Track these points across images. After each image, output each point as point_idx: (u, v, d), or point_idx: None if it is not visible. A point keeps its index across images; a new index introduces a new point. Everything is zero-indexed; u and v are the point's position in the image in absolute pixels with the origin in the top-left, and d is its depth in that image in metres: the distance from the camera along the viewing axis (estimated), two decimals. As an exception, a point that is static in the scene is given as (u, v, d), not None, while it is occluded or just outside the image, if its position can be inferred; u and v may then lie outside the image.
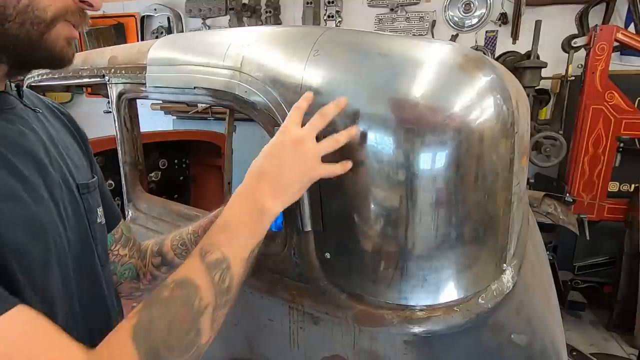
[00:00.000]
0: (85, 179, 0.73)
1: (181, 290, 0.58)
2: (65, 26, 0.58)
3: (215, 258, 0.62)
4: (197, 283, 0.59)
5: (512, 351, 0.92)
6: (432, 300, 0.88)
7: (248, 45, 0.98)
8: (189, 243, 0.94)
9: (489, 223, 0.88)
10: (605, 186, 3.03)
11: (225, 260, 0.63)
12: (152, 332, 0.55)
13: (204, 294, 0.59)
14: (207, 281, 0.60)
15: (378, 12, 3.99)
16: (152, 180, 2.79)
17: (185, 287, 0.59)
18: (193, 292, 0.59)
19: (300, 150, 0.71)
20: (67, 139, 0.77)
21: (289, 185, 0.70)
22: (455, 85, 0.79)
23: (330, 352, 0.99)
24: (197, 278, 0.60)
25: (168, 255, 0.95)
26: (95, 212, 0.74)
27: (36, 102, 0.73)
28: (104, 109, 5.09)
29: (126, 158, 1.46)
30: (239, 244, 0.66)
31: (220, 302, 0.62)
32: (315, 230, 0.91)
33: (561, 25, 3.39)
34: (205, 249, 0.63)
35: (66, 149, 0.73)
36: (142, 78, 1.21)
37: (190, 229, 0.95)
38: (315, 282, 0.95)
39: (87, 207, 0.71)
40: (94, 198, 0.75)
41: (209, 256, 0.62)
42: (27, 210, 0.55)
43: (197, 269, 0.61)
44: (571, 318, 3.17)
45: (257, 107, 0.93)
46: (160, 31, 4.69)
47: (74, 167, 0.72)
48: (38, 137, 0.64)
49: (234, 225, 0.67)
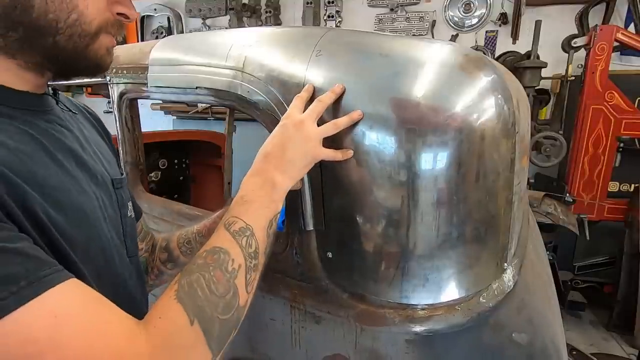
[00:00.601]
0: (117, 175, 0.77)
1: (213, 256, 0.63)
2: (106, 37, 0.62)
3: (239, 227, 0.68)
4: (227, 249, 0.64)
5: (513, 350, 0.93)
6: (434, 300, 0.88)
7: (250, 46, 0.98)
8: (194, 242, 0.96)
9: (490, 222, 0.88)
10: (605, 186, 3.03)
11: (249, 227, 0.68)
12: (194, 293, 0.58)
13: (235, 257, 0.64)
14: (236, 246, 0.65)
15: (378, 12, 3.99)
16: (152, 180, 2.79)
17: (216, 253, 0.63)
18: (225, 256, 0.63)
19: (302, 131, 0.77)
20: (97, 138, 0.82)
21: (294, 162, 0.76)
22: (456, 86, 0.79)
23: (332, 351, 1.00)
24: (226, 245, 0.65)
25: (174, 252, 0.98)
26: (126, 206, 0.78)
27: (68, 104, 0.77)
28: (104, 108, 5.08)
29: (127, 158, 1.46)
30: (258, 214, 0.71)
31: (250, 264, 0.66)
32: (317, 229, 0.92)
33: (561, 25, 3.40)
34: (228, 221, 0.68)
35: (98, 147, 0.77)
36: (144, 78, 1.21)
37: (195, 228, 0.98)
38: (317, 281, 0.96)
39: (119, 201, 0.75)
40: (126, 193, 0.79)
41: (234, 226, 0.67)
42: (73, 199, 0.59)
43: (224, 238, 0.66)
44: (571, 318, 3.17)
45: (260, 107, 0.93)
46: (160, 31, 4.69)
47: (107, 163, 0.76)
48: (75, 136, 0.69)
49: (250, 198, 0.72)
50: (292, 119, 0.78)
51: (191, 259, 0.64)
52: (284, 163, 0.75)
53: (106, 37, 0.62)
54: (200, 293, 0.59)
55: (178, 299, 0.57)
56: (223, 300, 0.61)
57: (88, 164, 0.67)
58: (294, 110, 0.81)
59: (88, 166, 0.67)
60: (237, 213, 0.70)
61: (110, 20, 0.62)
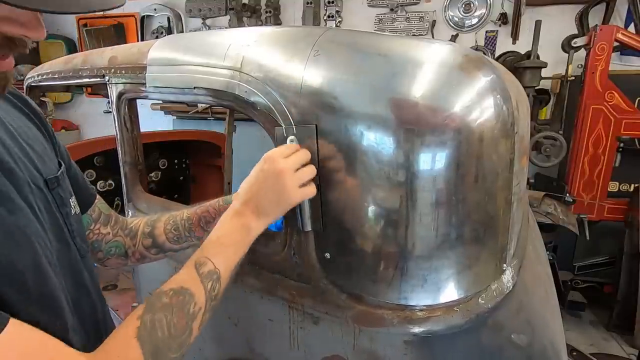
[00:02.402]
0: (53, 171, 0.72)
1: (178, 297, 0.66)
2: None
3: (208, 270, 0.71)
4: (192, 292, 0.67)
5: (512, 351, 0.92)
6: (432, 300, 0.88)
7: (248, 46, 0.98)
8: (182, 229, 0.95)
9: (489, 223, 0.88)
10: (605, 186, 3.03)
11: (217, 271, 0.72)
12: (154, 333, 0.61)
13: (197, 300, 0.67)
14: (201, 289, 0.69)
15: (378, 12, 3.99)
16: (152, 180, 2.79)
17: (182, 294, 0.66)
18: (189, 298, 0.67)
19: (280, 181, 0.79)
20: (28, 128, 0.74)
21: (270, 209, 0.80)
22: (455, 86, 0.79)
23: (330, 352, 0.99)
24: (193, 287, 0.68)
25: (159, 238, 0.96)
26: (68, 204, 0.74)
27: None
28: (104, 109, 5.09)
29: (126, 158, 1.46)
30: (229, 259, 0.75)
31: (209, 307, 0.70)
32: (315, 230, 0.91)
33: (561, 25, 3.39)
34: (199, 261, 0.72)
35: (28, 141, 0.70)
36: (142, 78, 1.21)
37: (185, 214, 0.96)
38: (315, 282, 0.95)
39: (58, 201, 0.71)
40: (65, 189, 0.74)
41: (203, 268, 0.71)
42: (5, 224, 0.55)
43: (193, 279, 0.69)
44: (571, 318, 3.17)
45: (258, 107, 0.93)
46: (160, 31, 4.69)
47: (39, 160, 0.70)
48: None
49: (224, 241, 0.76)
50: (273, 166, 0.79)
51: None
52: (262, 211, 0.79)
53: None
54: (159, 334, 0.62)
55: (138, 338, 0.59)
56: (179, 340, 0.64)
57: (14, 171, 0.61)
58: (278, 156, 0.81)
59: (17, 173, 0.61)
60: (209, 254, 0.73)
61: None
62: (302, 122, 0.86)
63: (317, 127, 0.84)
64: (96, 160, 2.50)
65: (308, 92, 0.85)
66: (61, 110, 5.36)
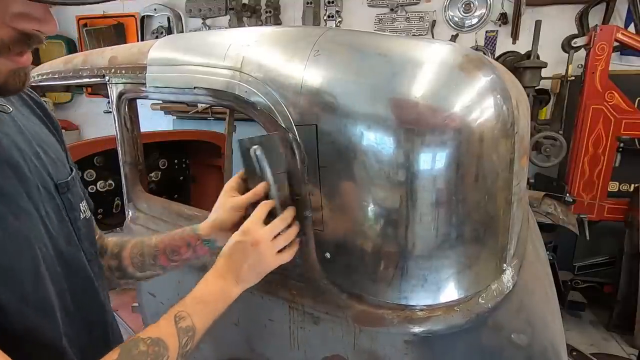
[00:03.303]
0: (64, 176, 0.73)
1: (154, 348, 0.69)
2: (5, 61, 0.53)
3: (186, 325, 0.74)
4: (167, 345, 0.70)
5: (512, 351, 0.92)
6: (433, 300, 0.88)
7: (248, 46, 0.98)
8: (147, 256, 0.95)
9: (489, 223, 0.88)
10: (605, 186, 3.03)
11: (193, 328, 0.75)
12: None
13: (171, 354, 0.70)
14: (176, 344, 0.72)
15: (378, 12, 3.99)
16: (152, 180, 2.79)
17: (158, 345, 0.69)
18: (163, 351, 0.70)
19: (258, 251, 0.82)
20: (42, 132, 0.76)
21: (248, 277, 0.84)
22: (455, 86, 0.79)
23: (331, 352, 0.99)
24: (169, 340, 0.71)
25: (124, 262, 0.95)
26: (77, 208, 0.75)
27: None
28: (104, 109, 5.08)
29: (126, 158, 1.46)
30: (207, 317, 0.78)
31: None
32: (316, 230, 0.91)
33: (561, 25, 3.39)
34: (179, 315, 0.75)
35: (43, 146, 0.72)
36: (143, 78, 1.21)
37: (153, 241, 0.96)
38: (315, 282, 0.95)
39: (68, 206, 0.72)
40: (75, 194, 0.76)
41: (182, 322, 0.74)
42: (10, 228, 0.57)
43: (170, 332, 0.72)
44: (571, 318, 3.17)
45: (258, 107, 0.93)
46: (160, 31, 4.69)
47: (51, 164, 0.71)
48: (11, 140, 0.63)
49: (206, 299, 0.79)
50: (250, 237, 0.82)
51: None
52: (240, 279, 0.83)
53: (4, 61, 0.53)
54: None
55: None
56: None
57: (26, 174, 0.63)
58: (254, 225, 0.83)
59: (27, 176, 0.63)
60: (190, 310, 0.76)
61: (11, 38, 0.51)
62: (302, 122, 0.86)
63: (317, 127, 0.84)
64: (96, 160, 2.50)
65: (308, 92, 0.85)
66: (61, 110, 5.35)
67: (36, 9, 0.51)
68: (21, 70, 0.56)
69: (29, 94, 0.78)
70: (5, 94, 0.58)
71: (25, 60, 0.55)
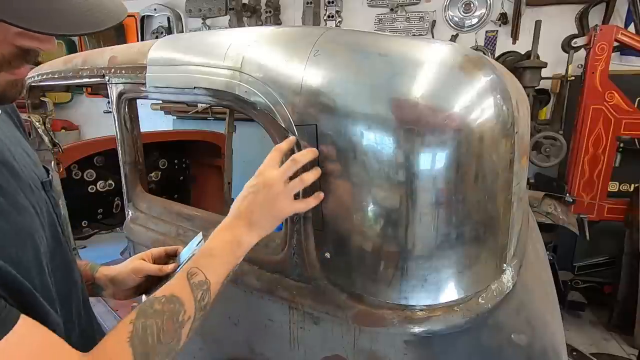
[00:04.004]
0: (45, 175, 0.76)
1: (169, 305, 0.70)
2: (4, 75, 0.56)
3: (199, 280, 0.74)
4: (183, 300, 0.71)
5: (512, 351, 0.92)
6: (433, 300, 0.88)
7: (248, 46, 0.98)
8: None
9: (489, 223, 0.88)
10: (605, 186, 3.03)
11: (207, 282, 0.75)
12: (145, 339, 0.65)
13: (187, 309, 0.71)
14: (191, 299, 0.72)
15: (378, 12, 3.99)
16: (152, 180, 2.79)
17: (173, 302, 0.70)
18: (179, 307, 0.70)
19: (271, 192, 0.81)
20: (19, 135, 0.78)
21: (261, 221, 0.82)
22: (455, 86, 0.79)
23: (331, 352, 0.99)
24: (184, 296, 0.72)
25: None
26: (59, 205, 0.79)
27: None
28: (104, 109, 5.09)
29: (126, 158, 1.46)
30: (219, 270, 0.78)
31: (198, 316, 0.73)
32: (316, 229, 0.91)
33: (561, 25, 3.39)
34: (191, 271, 0.75)
35: (22, 146, 0.74)
36: (142, 78, 1.21)
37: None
38: (315, 282, 0.95)
39: (53, 203, 0.75)
40: (56, 192, 0.80)
41: (194, 278, 0.74)
42: (14, 223, 0.59)
43: (184, 288, 0.72)
44: (571, 318, 3.17)
45: (258, 107, 0.93)
46: (160, 31, 4.69)
47: (34, 164, 0.74)
48: (2, 142, 0.66)
49: (216, 253, 0.79)
50: (263, 178, 0.82)
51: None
52: (253, 224, 0.81)
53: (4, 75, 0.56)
54: (150, 340, 0.66)
55: (130, 343, 0.64)
56: (167, 347, 0.68)
57: (20, 173, 0.65)
58: (269, 167, 0.83)
59: (20, 175, 0.65)
60: (200, 265, 0.76)
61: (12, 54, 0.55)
62: (302, 122, 0.86)
63: (317, 127, 0.84)
64: (96, 160, 2.50)
65: (308, 92, 0.85)
66: (61, 110, 5.36)
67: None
68: (18, 82, 0.59)
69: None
70: (2, 102, 0.61)
71: (22, 72, 0.58)
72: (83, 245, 3.20)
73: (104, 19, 0.54)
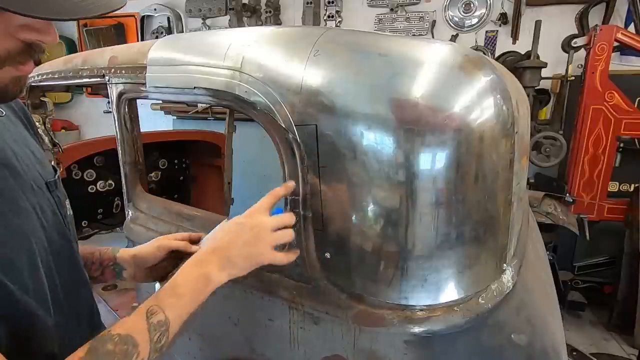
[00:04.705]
0: (51, 175, 0.76)
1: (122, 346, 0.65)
2: (10, 69, 0.56)
3: (158, 320, 0.70)
4: (137, 341, 0.67)
5: (512, 351, 0.92)
6: (433, 300, 0.88)
7: (248, 46, 0.98)
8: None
9: (489, 223, 0.88)
10: (605, 186, 3.03)
11: (166, 322, 0.70)
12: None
13: (141, 350, 0.67)
14: (147, 340, 0.68)
15: (378, 12, 3.99)
16: (152, 180, 2.79)
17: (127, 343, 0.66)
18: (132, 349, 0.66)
19: (256, 236, 0.79)
20: (27, 134, 0.79)
21: (238, 261, 0.79)
22: (455, 86, 0.79)
23: (331, 352, 0.99)
24: (139, 336, 0.67)
25: None
26: (65, 205, 0.78)
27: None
28: (104, 109, 5.08)
29: (126, 158, 1.46)
30: (183, 309, 0.74)
31: (152, 357, 0.69)
32: (315, 229, 0.91)
33: (561, 25, 3.39)
34: (151, 310, 0.70)
35: (29, 146, 0.75)
36: (142, 78, 1.21)
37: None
38: (315, 281, 0.95)
39: (58, 203, 0.75)
40: (61, 192, 0.78)
41: (154, 317, 0.70)
42: (10, 225, 0.60)
43: (141, 328, 0.68)
44: (571, 318, 3.17)
45: (258, 107, 0.93)
46: (160, 31, 4.69)
47: (39, 165, 0.74)
48: (4, 143, 0.66)
49: (181, 290, 0.74)
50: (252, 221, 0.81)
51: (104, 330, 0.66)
52: (227, 262, 0.78)
53: (10, 69, 0.56)
54: None
55: None
56: None
57: (21, 173, 0.66)
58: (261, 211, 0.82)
59: (22, 175, 0.66)
60: (163, 304, 0.71)
61: (17, 49, 0.55)
62: (302, 122, 0.86)
63: (317, 127, 0.84)
64: (96, 160, 2.50)
65: (308, 92, 0.85)
66: (61, 110, 5.35)
67: (37, 21, 0.54)
68: (22, 78, 0.59)
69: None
70: (4, 99, 0.61)
71: (27, 68, 0.59)
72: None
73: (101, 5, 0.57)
